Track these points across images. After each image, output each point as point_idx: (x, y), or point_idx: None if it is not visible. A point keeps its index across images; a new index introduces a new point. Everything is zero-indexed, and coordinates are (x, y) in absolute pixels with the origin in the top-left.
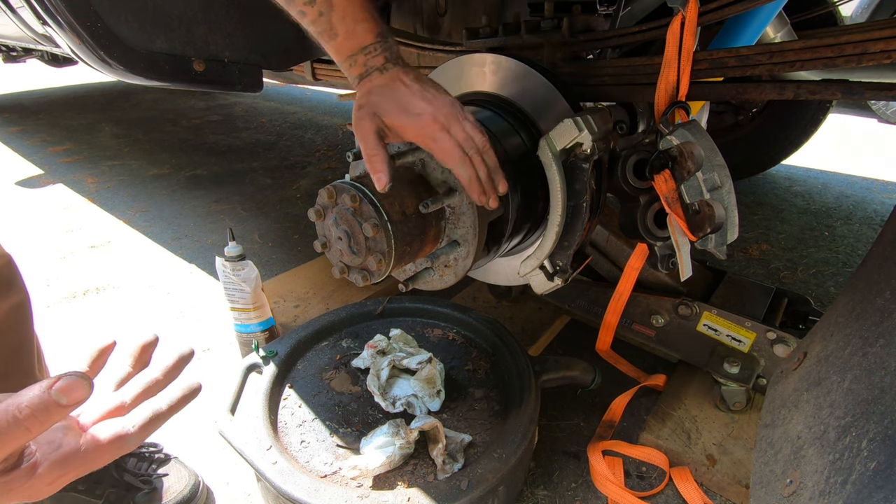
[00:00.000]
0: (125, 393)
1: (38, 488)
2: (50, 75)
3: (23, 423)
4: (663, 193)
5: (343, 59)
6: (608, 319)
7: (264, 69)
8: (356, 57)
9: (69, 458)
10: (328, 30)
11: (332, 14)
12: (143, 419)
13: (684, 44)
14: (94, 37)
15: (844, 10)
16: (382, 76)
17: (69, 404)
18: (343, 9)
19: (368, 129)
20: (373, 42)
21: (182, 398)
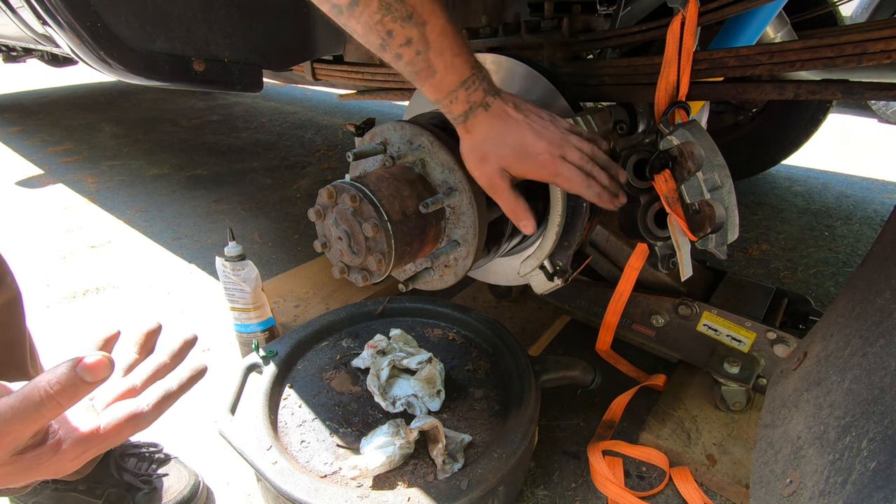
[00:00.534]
0: (135, 377)
1: (63, 464)
2: (50, 75)
3: (55, 398)
4: (663, 193)
5: (443, 97)
6: (608, 319)
7: (264, 69)
8: (457, 93)
9: (89, 437)
10: (426, 68)
11: (430, 51)
12: (156, 398)
13: (684, 44)
14: (94, 37)
15: (844, 10)
16: (488, 114)
17: (94, 381)
18: (440, 44)
19: (503, 187)
20: (471, 74)
21: (190, 378)
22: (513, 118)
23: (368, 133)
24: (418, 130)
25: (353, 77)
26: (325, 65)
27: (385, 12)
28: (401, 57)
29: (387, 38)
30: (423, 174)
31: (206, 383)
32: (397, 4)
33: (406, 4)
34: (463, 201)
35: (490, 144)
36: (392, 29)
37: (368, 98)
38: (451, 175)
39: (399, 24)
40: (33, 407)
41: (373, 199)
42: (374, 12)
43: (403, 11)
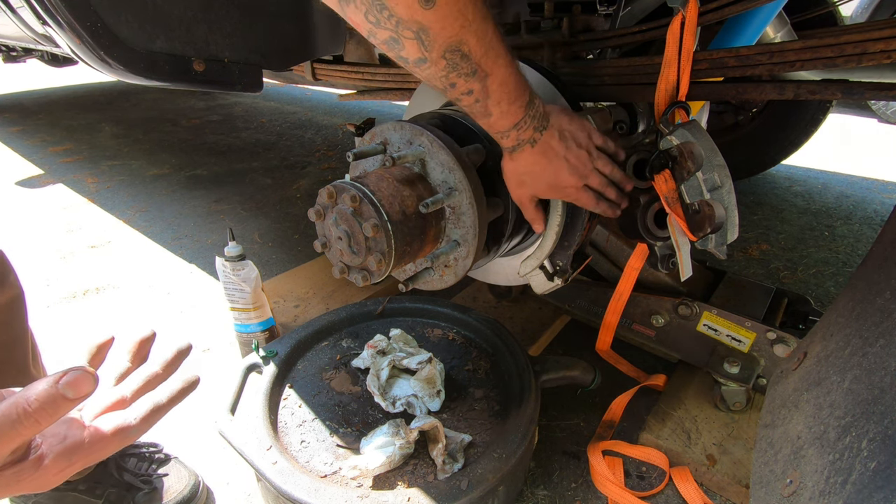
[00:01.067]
0: (125, 387)
1: (46, 479)
2: (50, 75)
3: (32, 416)
4: (663, 193)
5: (494, 133)
6: (608, 319)
7: (264, 69)
8: (508, 133)
9: (74, 450)
10: (483, 112)
11: (489, 100)
12: (145, 411)
13: (684, 44)
14: (94, 37)
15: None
16: (533, 150)
17: (76, 398)
18: (498, 94)
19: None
20: (523, 116)
21: (181, 390)
22: (555, 152)
23: (368, 133)
24: (418, 130)
25: (353, 77)
26: (325, 65)
27: (451, 70)
28: (459, 101)
29: (449, 88)
30: (423, 174)
31: (206, 383)
32: (463, 63)
33: (471, 62)
34: (463, 201)
35: (529, 177)
36: (455, 82)
37: (368, 98)
38: (451, 175)
39: (463, 78)
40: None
41: (373, 199)
42: (440, 70)
43: (468, 68)
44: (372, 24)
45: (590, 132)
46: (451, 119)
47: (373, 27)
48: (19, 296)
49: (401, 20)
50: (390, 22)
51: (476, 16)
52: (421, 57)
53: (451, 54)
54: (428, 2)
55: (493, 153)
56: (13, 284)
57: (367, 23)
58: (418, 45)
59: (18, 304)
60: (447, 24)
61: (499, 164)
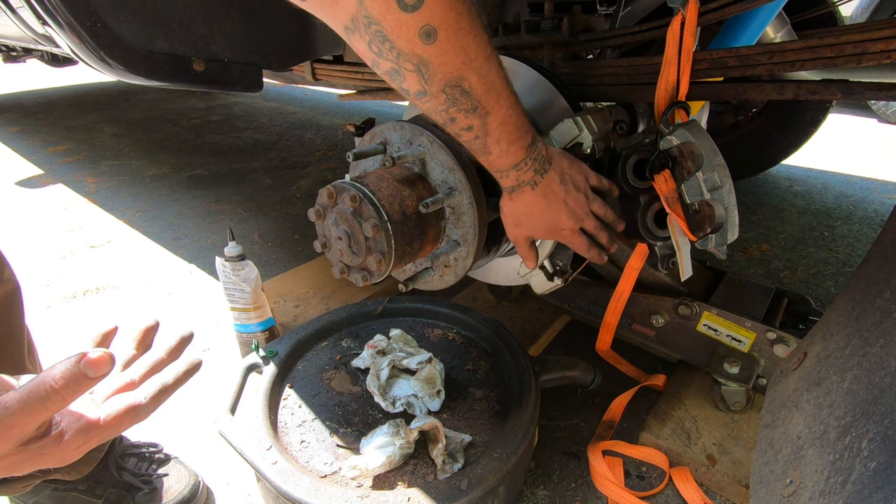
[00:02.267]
0: (133, 371)
1: (66, 454)
2: (50, 75)
3: (59, 392)
4: (663, 193)
5: (494, 172)
6: (608, 319)
7: (264, 69)
8: (508, 173)
9: (90, 428)
10: (482, 149)
11: (488, 138)
12: (153, 391)
13: (684, 44)
14: (94, 37)
15: (844, 10)
16: (534, 192)
17: (95, 376)
18: (498, 133)
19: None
20: (524, 158)
21: (186, 372)
22: (555, 195)
23: (368, 133)
24: (418, 130)
25: (353, 77)
26: (325, 65)
27: (450, 105)
28: (460, 136)
29: (449, 122)
30: (422, 174)
31: (206, 383)
32: (463, 99)
33: (471, 98)
34: (463, 201)
35: (527, 218)
36: (455, 117)
37: (368, 98)
38: (451, 175)
39: (463, 114)
40: (39, 400)
41: (373, 199)
42: (440, 104)
43: (469, 105)
44: (375, 55)
45: (587, 175)
46: None
47: (376, 57)
48: (15, 290)
49: (402, 53)
50: (392, 53)
51: (479, 54)
52: (421, 90)
53: (450, 89)
54: (429, 37)
55: None
56: (9, 279)
57: (371, 52)
58: (419, 77)
59: (14, 298)
60: (447, 59)
61: None
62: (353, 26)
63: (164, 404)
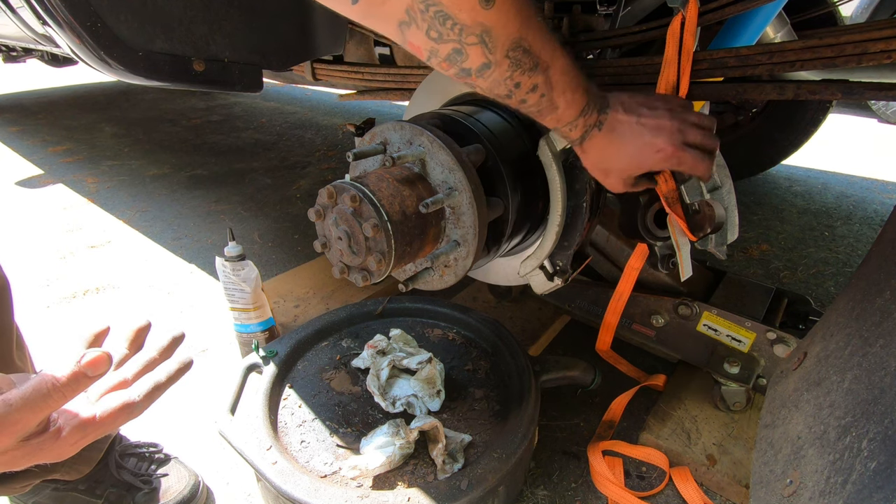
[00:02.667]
0: (126, 370)
1: (63, 449)
2: (50, 75)
3: (61, 390)
4: (663, 193)
5: (562, 126)
6: (608, 319)
7: (264, 69)
8: (576, 122)
9: (87, 424)
10: (549, 105)
11: (553, 92)
12: (147, 389)
13: (684, 44)
14: (94, 37)
15: (844, 10)
16: (601, 133)
17: (94, 375)
18: (562, 84)
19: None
20: (587, 102)
21: (178, 371)
22: (624, 124)
23: (368, 133)
24: (418, 130)
25: (353, 77)
26: (325, 65)
27: (514, 68)
28: (525, 101)
29: (514, 89)
30: (423, 174)
31: (206, 383)
32: (525, 58)
33: (532, 56)
34: (463, 201)
35: (608, 161)
36: (520, 81)
37: (368, 98)
38: (451, 175)
39: (527, 75)
40: (41, 397)
41: (373, 199)
42: (505, 71)
43: (530, 63)
44: (434, 41)
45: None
46: (451, 119)
47: (434, 44)
48: (4, 287)
49: (464, 27)
50: (454, 32)
51: (530, 10)
52: (485, 62)
53: (513, 52)
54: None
55: (493, 153)
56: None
57: (429, 41)
58: (482, 49)
59: (3, 294)
60: (508, 21)
61: (499, 164)
62: (408, 18)
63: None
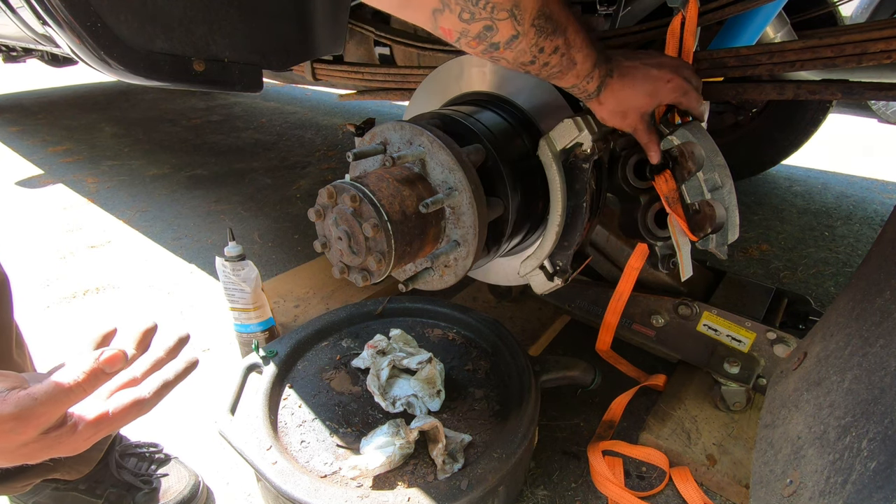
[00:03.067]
0: (135, 369)
1: (79, 443)
2: (50, 75)
3: (81, 385)
4: (664, 193)
5: (580, 80)
6: (608, 319)
7: (264, 69)
8: (592, 74)
9: (101, 420)
10: (569, 63)
11: (572, 50)
12: (156, 386)
13: (684, 44)
14: (94, 37)
15: (844, 10)
16: (613, 79)
17: (111, 371)
18: (578, 41)
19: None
20: (598, 54)
21: (185, 369)
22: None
23: (368, 133)
24: (418, 130)
25: (353, 77)
26: (325, 65)
27: (539, 34)
28: (548, 63)
29: (538, 55)
30: (423, 174)
31: (206, 383)
32: (547, 24)
33: (553, 20)
34: (463, 201)
35: (625, 103)
36: (543, 46)
37: (368, 98)
38: (451, 175)
39: (549, 40)
40: (64, 392)
41: (373, 199)
42: (531, 38)
43: (551, 27)
44: (465, 23)
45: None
46: (451, 119)
47: (466, 25)
48: (3, 283)
49: (496, 4)
50: (486, 10)
51: None
52: (514, 34)
53: (538, 20)
54: None
55: (493, 153)
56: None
57: (461, 23)
58: (512, 22)
59: (2, 291)
60: None
61: (499, 164)
62: (441, 6)
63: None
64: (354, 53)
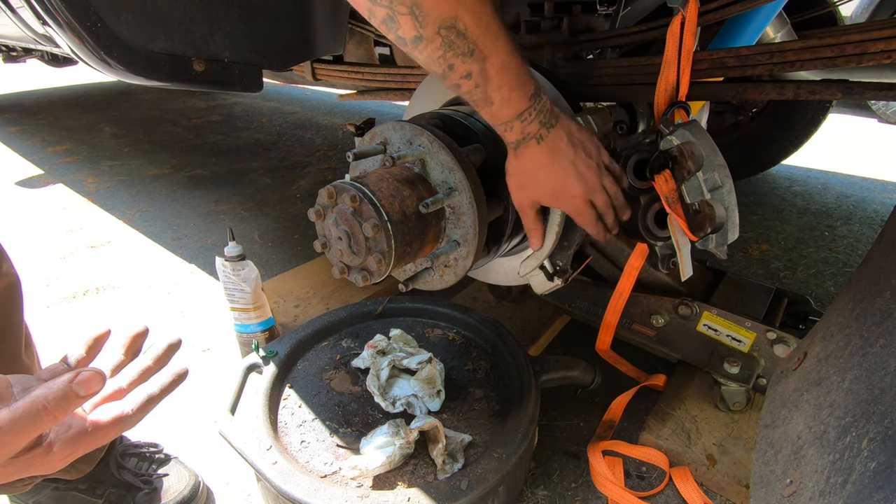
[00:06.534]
0: (121, 379)
1: (54, 463)
2: (50, 75)
3: (51, 412)
4: (664, 193)
5: (498, 125)
6: (608, 319)
7: (264, 69)
8: (512, 124)
9: (78, 437)
10: (483, 99)
11: (489, 85)
12: (139, 402)
13: (684, 44)
14: (94, 37)
15: (844, 10)
16: (539, 147)
17: (86, 394)
18: (499, 79)
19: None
20: (528, 107)
21: (172, 382)
22: (563, 153)
23: (368, 133)
24: (418, 130)
25: (353, 77)
26: (325, 65)
27: (447, 49)
28: (460, 87)
29: (448, 71)
30: (423, 174)
31: (206, 383)
32: (459, 41)
33: (468, 41)
34: (463, 201)
35: (533, 179)
36: (453, 63)
37: (368, 98)
38: (451, 175)
39: (460, 59)
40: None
41: (373, 199)
42: (437, 48)
43: (465, 48)
44: (370, 2)
45: (599, 147)
46: (451, 119)
47: (371, 5)
48: (15, 284)
49: None
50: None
51: None
52: (417, 35)
53: (446, 31)
54: None
55: (493, 153)
56: (8, 273)
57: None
58: (413, 21)
59: (14, 292)
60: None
61: (499, 164)
62: None
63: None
64: (354, 53)
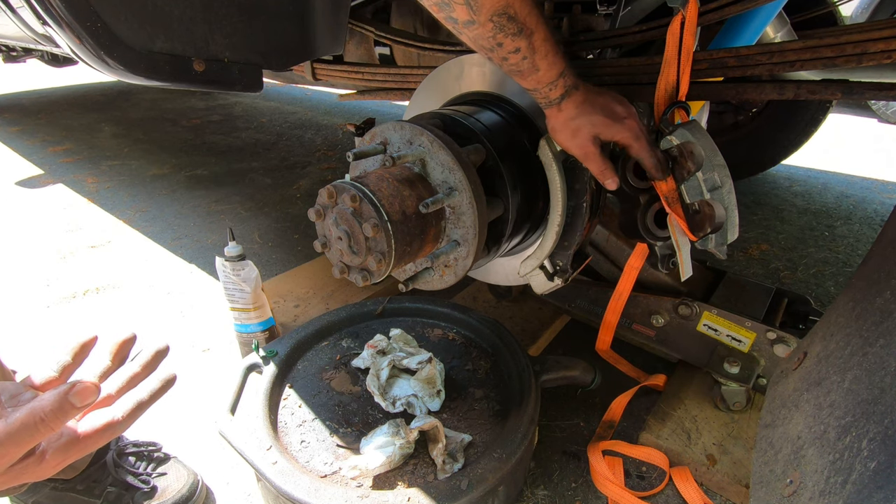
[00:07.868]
0: (110, 386)
1: (46, 470)
2: (50, 75)
3: (48, 423)
4: (663, 193)
5: (543, 86)
6: (608, 319)
7: (264, 69)
8: (556, 82)
9: (70, 445)
10: (531, 67)
11: (536, 55)
12: (129, 408)
13: (684, 44)
14: (94, 37)
15: (844, 10)
16: (579, 91)
17: (82, 406)
18: (544, 48)
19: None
20: (566, 66)
21: (160, 388)
22: (597, 90)
23: (368, 133)
24: (418, 130)
25: (353, 77)
26: (325, 65)
27: (497, 31)
28: (507, 60)
29: (496, 48)
30: (423, 174)
31: (206, 383)
32: (509, 24)
33: (517, 23)
34: (463, 201)
35: (582, 118)
36: (503, 42)
37: (368, 98)
38: (451, 175)
39: (510, 38)
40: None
41: (373, 199)
42: (488, 31)
43: (514, 28)
44: None
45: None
46: (451, 119)
47: None
48: None
49: None
50: None
51: None
52: (469, 19)
53: (498, 17)
54: None
55: (493, 153)
56: None
57: None
58: (467, 10)
59: None
60: None
61: (499, 163)
62: None
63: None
64: (354, 53)
